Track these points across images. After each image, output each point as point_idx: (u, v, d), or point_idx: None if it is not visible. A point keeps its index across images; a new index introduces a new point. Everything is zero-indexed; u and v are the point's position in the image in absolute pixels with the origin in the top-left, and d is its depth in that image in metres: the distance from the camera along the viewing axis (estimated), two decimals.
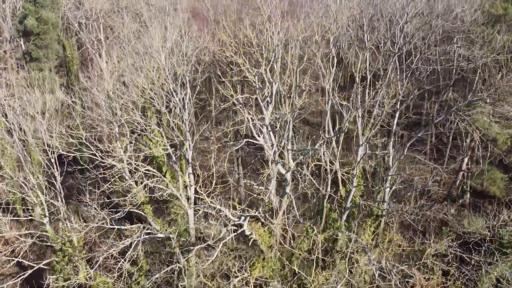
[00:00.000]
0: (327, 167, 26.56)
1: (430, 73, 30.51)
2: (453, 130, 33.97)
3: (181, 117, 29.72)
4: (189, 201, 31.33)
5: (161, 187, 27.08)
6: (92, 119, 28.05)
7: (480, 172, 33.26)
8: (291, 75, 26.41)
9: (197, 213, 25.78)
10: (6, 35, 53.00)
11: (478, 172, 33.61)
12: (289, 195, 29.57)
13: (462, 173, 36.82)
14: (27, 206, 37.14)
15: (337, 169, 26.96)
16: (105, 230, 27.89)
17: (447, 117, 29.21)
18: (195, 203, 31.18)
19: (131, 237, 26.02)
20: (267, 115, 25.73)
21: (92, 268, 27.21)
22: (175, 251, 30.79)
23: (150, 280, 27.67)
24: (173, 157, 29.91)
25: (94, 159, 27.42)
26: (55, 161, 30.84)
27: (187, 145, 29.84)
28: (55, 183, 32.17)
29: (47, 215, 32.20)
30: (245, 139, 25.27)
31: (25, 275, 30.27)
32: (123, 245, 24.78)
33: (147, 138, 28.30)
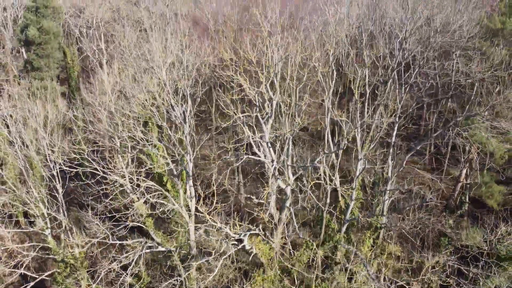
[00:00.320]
0: (326, 186, 26.82)
1: (428, 86, 30.78)
2: (451, 141, 34.24)
3: (182, 131, 30.04)
4: (190, 214, 31.65)
5: (162, 202, 27.36)
6: (94, 134, 28.32)
7: (479, 185, 33.54)
8: (291, 94, 26.69)
9: (199, 228, 26.02)
10: (7, 43, 53.29)
11: (476, 186, 33.89)
12: (289, 209, 29.89)
13: (460, 184, 37.12)
14: (29, 218, 37.41)
15: (337, 187, 27.22)
16: (107, 244, 28.18)
17: (445, 131, 29.49)
18: (196, 216, 31.51)
19: (133, 251, 26.31)
20: (267, 131, 26.03)
21: (94, 282, 27.53)
22: (176, 263, 31.11)
23: None
24: (174, 171, 30.20)
25: (96, 174, 27.75)
26: (57, 174, 31.19)
27: (187, 158, 30.15)
28: (57, 195, 32.54)
29: (49, 226, 32.52)
30: (245, 155, 25.54)
31: (27, 287, 30.60)
32: (125, 261, 25.08)
33: (148, 151, 28.59)
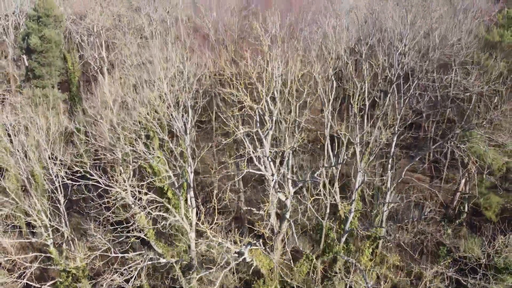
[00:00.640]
0: (326, 202, 27.16)
1: (427, 99, 31.08)
2: (450, 151, 34.55)
3: (183, 141, 30.36)
4: (190, 224, 31.98)
5: (164, 215, 27.67)
6: (96, 146, 28.64)
7: (477, 197, 33.83)
8: (291, 110, 26.99)
9: (200, 243, 26.34)
10: (9, 51, 53.60)
11: (475, 199, 34.18)
12: (288, 220, 30.20)
13: (459, 194, 37.43)
14: (31, 227, 37.72)
15: (336, 202, 27.56)
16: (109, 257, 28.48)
17: (444, 144, 29.80)
18: (197, 225, 31.86)
19: (134, 264, 26.62)
20: (267, 145, 26.34)
21: None
22: (177, 273, 31.45)
23: None
24: (176, 183, 30.50)
25: (98, 186, 28.06)
26: (59, 185, 31.50)
27: (188, 170, 30.48)
28: (59, 206, 32.88)
29: (51, 236, 32.85)
30: (246, 169, 25.86)
31: None
32: (128, 275, 25.41)
33: (150, 165, 28.90)
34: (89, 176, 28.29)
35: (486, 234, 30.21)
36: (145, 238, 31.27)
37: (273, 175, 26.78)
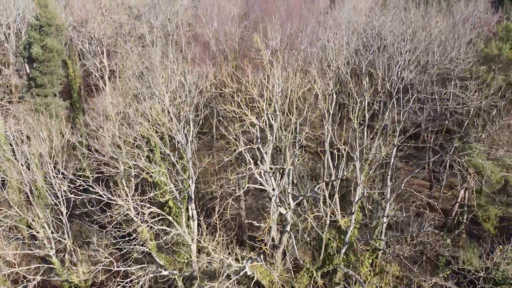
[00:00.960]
0: (326, 218, 27.46)
1: (427, 114, 31.42)
2: (449, 163, 34.85)
3: (185, 154, 30.66)
4: (192, 235, 32.29)
5: (166, 229, 27.97)
6: (99, 161, 28.94)
7: (475, 210, 34.11)
8: (292, 129, 27.28)
9: (202, 260, 26.66)
10: (11, 58, 53.87)
11: (474, 212, 34.45)
12: (289, 233, 30.51)
13: (458, 204, 37.74)
14: (34, 236, 38.01)
15: (337, 218, 27.85)
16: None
17: (443, 155, 30.11)
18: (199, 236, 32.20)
19: (137, 279, 26.92)
20: (268, 160, 26.64)
21: None
22: (179, 285, 31.75)
23: None
24: (177, 196, 30.80)
25: (101, 200, 28.36)
26: (61, 196, 31.77)
27: (190, 182, 30.79)
28: (62, 218, 33.16)
29: (53, 247, 33.15)
30: (247, 185, 26.18)
31: None
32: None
33: (153, 179, 29.18)
34: (91, 189, 28.60)
35: (485, 246, 30.54)
36: (147, 250, 31.59)
37: (274, 189, 27.08)
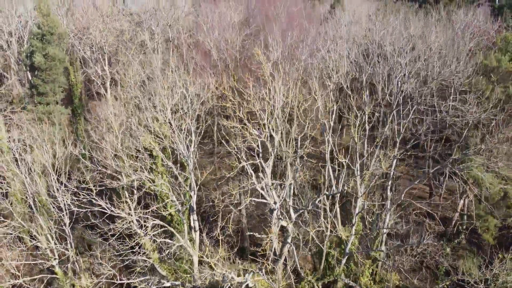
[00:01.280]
0: (327, 232, 27.76)
1: (426, 127, 31.75)
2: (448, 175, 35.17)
3: (187, 166, 30.94)
4: (194, 247, 32.60)
5: (169, 241, 28.26)
6: (102, 174, 29.25)
7: (475, 221, 34.37)
8: (293, 145, 27.60)
9: (203, 272, 26.94)
10: (13, 66, 54.17)
11: (472, 225, 34.71)
12: (290, 244, 30.81)
13: (458, 213, 38.03)
14: (37, 250, 38.30)
15: (338, 233, 28.15)
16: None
17: (443, 169, 30.40)
18: (200, 248, 32.48)
19: None
20: (269, 175, 26.94)
21: None
22: None
23: None
24: (180, 208, 31.09)
25: (104, 212, 28.65)
26: (65, 209, 32.07)
27: (192, 194, 31.11)
28: (65, 228, 33.45)
29: (56, 257, 33.46)
30: (249, 199, 26.49)
31: None
32: None
33: (157, 192, 29.48)
34: (94, 201, 28.89)
35: (484, 257, 30.82)
36: (149, 260, 31.90)
37: (275, 203, 27.39)
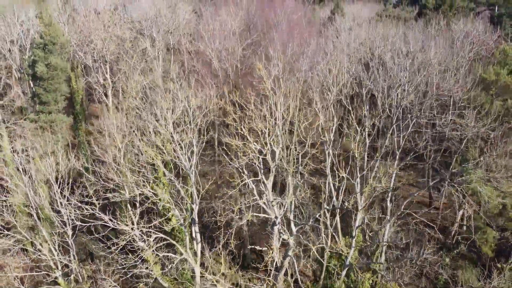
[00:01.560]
0: (327, 248, 28.11)
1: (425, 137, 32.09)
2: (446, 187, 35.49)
3: (189, 179, 31.30)
4: (196, 258, 32.97)
5: (171, 255, 28.61)
6: (105, 188, 29.61)
7: (473, 235, 34.66)
8: (293, 155, 27.92)
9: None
10: (14, 74, 54.54)
11: (471, 239, 35.01)
12: (291, 257, 31.17)
13: (457, 224, 38.38)
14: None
15: (338, 250, 28.52)
16: None
17: (441, 183, 30.74)
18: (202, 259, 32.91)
19: None
20: (270, 190, 27.30)
21: None
22: None
23: None
24: (182, 221, 31.45)
25: (107, 226, 29.00)
26: (69, 224, 32.42)
27: (194, 207, 31.48)
28: (68, 240, 33.82)
29: (59, 268, 33.82)
30: (250, 214, 26.84)
31: None
32: None
33: (157, 207, 29.82)
34: (97, 215, 29.25)
35: (483, 269, 31.16)
36: (152, 273, 32.26)
37: (276, 218, 27.75)
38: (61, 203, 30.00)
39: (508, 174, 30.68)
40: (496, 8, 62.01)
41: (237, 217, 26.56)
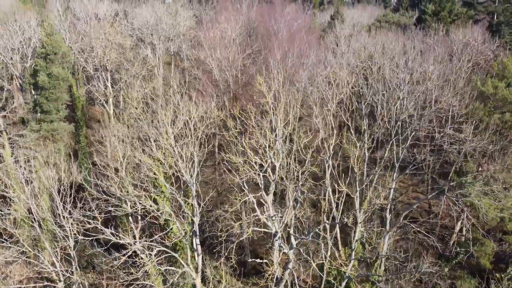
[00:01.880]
0: (327, 263, 28.42)
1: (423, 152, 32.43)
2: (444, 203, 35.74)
3: (190, 192, 31.61)
4: (196, 270, 33.29)
5: (173, 269, 28.92)
6: (107, 201, 29.90)
7: (471, 249, 34.86)
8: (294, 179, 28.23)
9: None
10: (16, 83, 54.82)
11: (469, 252, 35.25)
12: (291, 270, 31.49)
13: (455, 235, 38.66)
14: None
15: (337, 265, 28.83)
16: None
17: (440, 196, 31.02)
18: (203, 272, 33.20)
19: None
20: (270, 205, 27.61)
21: None
22: None
23: None
24: (183, 234, 31.75)
25: (109, 240, 29.32)
26: (71, 238, 32.74)
27: (195, 220, 31.79)
28: (70, 252, 34.15)
29: (62, 280, 34.14)
30: (251, 229, 27.14)
31: None
32: None
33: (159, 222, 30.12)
34: (99, 228, 29.56)
35: (481, 281, 31.47)
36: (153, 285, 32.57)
37: (276, 233, 28.06)
38: (64, 216, 30.31)
39: (506, 186, 31.01)
40: (495, 16, 62.21)
41: (238, 231, 26.87)
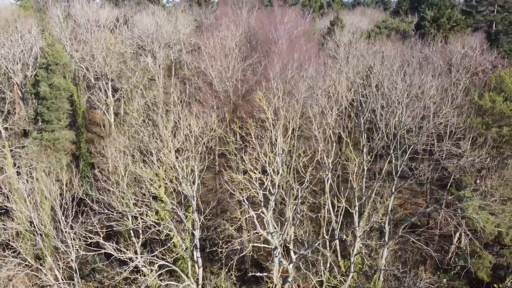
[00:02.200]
0: (324, 280, 28.75)
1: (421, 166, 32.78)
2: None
3: (191, 205, 31.95)
4: (197, 283, 33.63)
5: (174, 283, 29.26)
6: (109, 218, 30.24)
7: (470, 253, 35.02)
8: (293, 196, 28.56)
9: None
10: (17, 92, 55.12)
11: (467, 263, 35.52)
12: (291, 283, 31.83)
13: (454, 246, 38.97)
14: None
15: (336, 276, 29.14)
16: None
17: (437, 210, 31.34)
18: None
19: None
20: (270, 220, 27.94)
21: None
22: None
23: None
24: (183, 245, 32.10)
25: (110, 254, 29.66)
26: (72, 248, 33.07)
27: (196, 233, 32.15)
28: (72, 264, 34.48)
29: None
30: (251, 244, 27.48)
31: None
32: None
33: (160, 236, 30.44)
34: (100, 242, 29.90)
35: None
36: None
37: (276, 248, 28.39)
38: (65, 231, 30.63)
39: (503, 199, 31.30)
40: (494, 24, 62.52)
41: (239, 247, 27.21)
